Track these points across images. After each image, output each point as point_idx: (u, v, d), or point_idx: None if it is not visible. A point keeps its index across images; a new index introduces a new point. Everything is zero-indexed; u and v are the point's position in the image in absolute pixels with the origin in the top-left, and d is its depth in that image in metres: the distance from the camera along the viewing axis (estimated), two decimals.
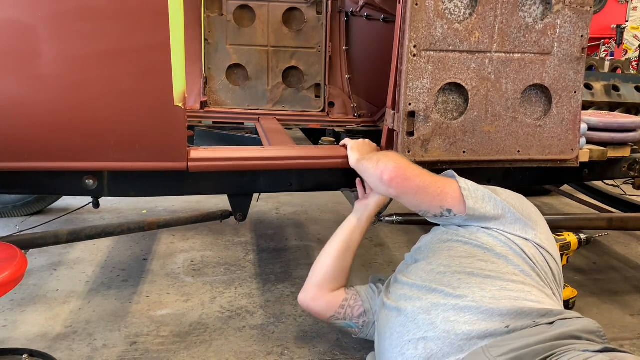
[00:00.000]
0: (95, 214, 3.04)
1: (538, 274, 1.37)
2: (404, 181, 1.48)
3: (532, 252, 1.39)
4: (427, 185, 1.47)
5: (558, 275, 1.44)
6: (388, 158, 1.55)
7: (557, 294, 1.40)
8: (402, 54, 1.65)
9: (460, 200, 1.44)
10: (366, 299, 1.67)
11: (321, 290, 1.69)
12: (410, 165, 1.51)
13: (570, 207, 3.47)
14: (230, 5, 2.93)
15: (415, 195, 1.48)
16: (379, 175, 1.52)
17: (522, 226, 1.42)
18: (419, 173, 1.49)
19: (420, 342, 1.27)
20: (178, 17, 1.49)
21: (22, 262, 1.30)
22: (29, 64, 1.45)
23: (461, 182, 1.48)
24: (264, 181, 1.84)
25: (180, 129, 1.58)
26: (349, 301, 1.67)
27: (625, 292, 2.32)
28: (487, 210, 1.43)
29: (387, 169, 1.50)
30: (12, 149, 1.51)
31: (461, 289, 1.31)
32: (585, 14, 1.71)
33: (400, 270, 1.58)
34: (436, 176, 1.51)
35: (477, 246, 1.40)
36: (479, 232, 1.44)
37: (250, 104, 3.02)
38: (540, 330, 1.17)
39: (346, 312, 1.67)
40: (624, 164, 2.13)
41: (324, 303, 1.68)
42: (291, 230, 2.96)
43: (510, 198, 1.48)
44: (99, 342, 1.79)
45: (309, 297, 1.70)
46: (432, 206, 1.48)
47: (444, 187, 1.47)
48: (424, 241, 1.59)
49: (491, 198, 1.44)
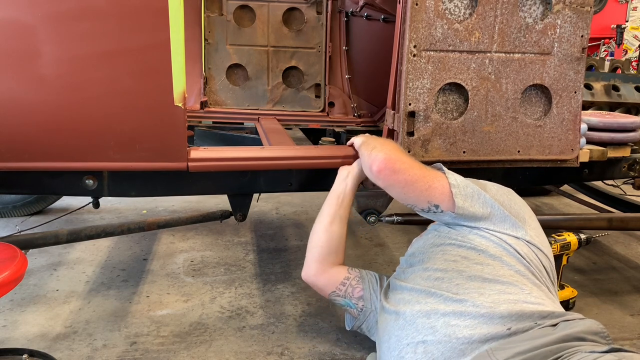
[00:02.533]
0: (95, 214, 3.04)
1: (533, 273, 1.36)
2: (392, 174, 1.48)
3: (525, 250, 1.39)
4: (416, 179, 1.46)
5: (551, 272, 1.43)
6: (381, 148, 1.55)
7: (552, 292, 1.39)
8: (402, 54, 1.65)
9: (449, 197, 1.43)
10: (367, 286, 1.66)
11: (321, 264, 1.69)
12: (401, 158, 1.51)
13: (570, 207, 3.47)
14: (230, 5, 2.93)
15: (402, 188, 1.48)
16: (369, 165, 1.54)
17: (511, 224, 1.42)
18: (409, 166, 1.48)
19: (420, 345, 1.27)
20: (178, 17, 1.49)
21: (22, 262, 1.30)
22: (29, 64, 1.45)
23: (450, 177, 1.47)
24: (264, 181, 1.84)
25: (180, 129, 1.58)
26: (350, 280, 1.67)
27: (625, 292, 2.31)
28: (476, 209, 1.42)
29: (377, 160, 1.51)
30: (12, 149, 1.51)
31: (460, 294, 1.30)
32: (585, 14, 1.71)
33: (397, 275, 1.58)
34: (426, 169, 1.50)
35: (471, 248, 1.40)
36: (470, 234, 1.43)
37: (250, 104, 3.02)
38: (544, 332, 1.16)
39: (347, 290, 1.66)
40: (624, 164, 2.13)
41: (326, 278, 1.68)
42: (291, 230, 2.96)
43: (499, 195, 1.46)
44: (99, 342, 1.79)
45: (311, 272, 1.70)
46: (420, 201, 1.47)
47: (433, 182, 1.46)
48: (416, 245, 1.59)
49: (480, 195, 1.43)
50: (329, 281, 1.68)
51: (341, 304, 1.69)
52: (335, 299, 1.69)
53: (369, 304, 1.64)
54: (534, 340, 1.13)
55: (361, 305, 1.65)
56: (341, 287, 1.67)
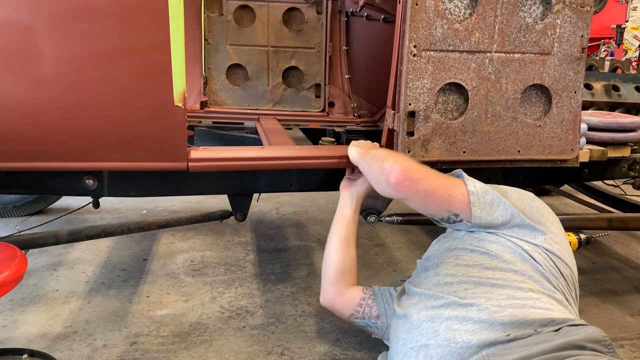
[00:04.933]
0: (95, 214, 3.04)
1: (548, 279, 1.34)
2: (411, 184, 1.42)
3: (541, 257, 1.36)
4: (435, 188, 1.42)
5: (571, 278, 1.40)
6: (394, 159, 1.48)
7: (570, 299, 1.36)
8: (402, 54, 1.65)
9: (467, 206, 1.40)
10: (381, 301, 1.66)
11: (337, 287, 1.70)
12: (418, 167, 1.45)
13: (570, 207, 3.47)
14: (230, 5, 2.93)
15: (422, 199, 1.44)
16: (385, 177, 1.46)
17: (530, 231, 1.39)
18: (427, 175, 1.43)
19: (422, 349, 1.27)
20: (178, 17, 1.49)
21: (22, 262, 1.30)
22: (29, 64, 1.45)
23: (469, 184, 1.42)
24: (264, 181, 1.84)
25: (180, 129, 1.58)
26: (367, 300, 1.67)
27: (625, 292, 2.31)
28: (495, 217, 1.39)
29: (393, 171, 1.43)
30: (12, 149, 1.51)
31: (467, 298, 1.29)
32: (585, 14, 1.71)
33: (412, 280, 1.58)
34: (444, 177, 1.45)
35: (484, 253, 1.38)
36: (486, 239, 1.40)
37: (250, 104, 3.02)
38: (543, 338, 1.14)
39: (364, 311, 1.66)
40: (624, 164, 2.13)
41: (343, 301, 1.69)
42: (291, 230, 2.96)
43: (520, 201, 1.43)
44: (99, 342, 1.79)
45: (329, 296, 1.72)
46: (440, 210, 1.44)
47: (452, 191, 1.41)
48: (432, 249, 1.58)
49: (500, 202, 1.40)
50: (346, 304, 1.69)
51: (361, 325, 1.70)
52: (354, 321, 1.70)
53: (385, 318, 1.63)
54: (532, 347, 1.11)
55: (380, 323, 1.65)
56: (359, 308, 1.67)
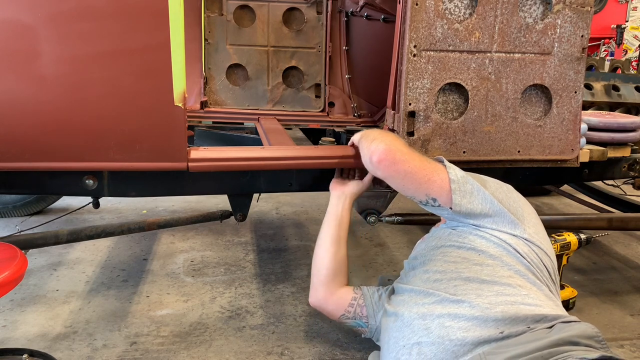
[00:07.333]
0: (95, 214, 3.04)
1: (534, 272, 1.35)
2: (391, 164, 1.47)
3: (525, 249, 1.38)
4: (415, 171, 1.45)
5: (553, 270, 1.42)
6: (382, 139, 1.53)
7: (554, 292, 1.38)
8: (402, 54, 1.65)
9: (447, 192, 1.42)
10: (370, 303, 1.65)
11: (328, 286, 1.69)
12: (402, 149, 1.50)
13: (570, 207, 3.47)
14: (230, 5, 2.93)
15: (402, 179, 1.47)
16: (369, 156, 1.52)
17: (509, 222, 1.41)
18: (409, 158, 1.47)
19: (415, 347, 1.27)
20: (178, 18, 1.49)
21: (22, 262, 1.30)
22: (29, 64, 1.45)
23: (451, 172, 1.45)
24: (264, 181, 1.84)
25: (180, 129, 1.58)
26: (357, 300, 1.67)
27: (625, 292, 2.32)
28: (475, 206, 1.41)
29: (377, 150, 1.50)
30: (12, 149, 1.51)
31: (458, 295, 1.30)
32: (585, 14, 1.71)
33: (400, 279, 1.58)
34: (427, 161, 1.49)
35: (471, 249, 1.39)
36: (470, 235, 1.42)
37: (250, 104, 3.02)
38: (537, 335, 1.15)
39: (355, 311, 1.66)
40: (624, 164, 2.13)
41: (334, 302, 1.68)
42: (291, 230, 2.96)
43: (498, 192, 1.45)
44: (99, 342, 1.79)
45: (319, 296, 1.70)
46: (418, 192, 1.47)
47: (432, 175, 1.45)
48: (418, 249, 1.59)
49: (479, 192, 1.42)
50: (337, 304, 1.68)
51: (352, 325, 1.69)
52: (345, 321, 1.69)
53: (373, 320, 1.63)
54: (526, 344, 1.12)
55: (371, 322, 1.65)
56: (350, 309, 1.67)
